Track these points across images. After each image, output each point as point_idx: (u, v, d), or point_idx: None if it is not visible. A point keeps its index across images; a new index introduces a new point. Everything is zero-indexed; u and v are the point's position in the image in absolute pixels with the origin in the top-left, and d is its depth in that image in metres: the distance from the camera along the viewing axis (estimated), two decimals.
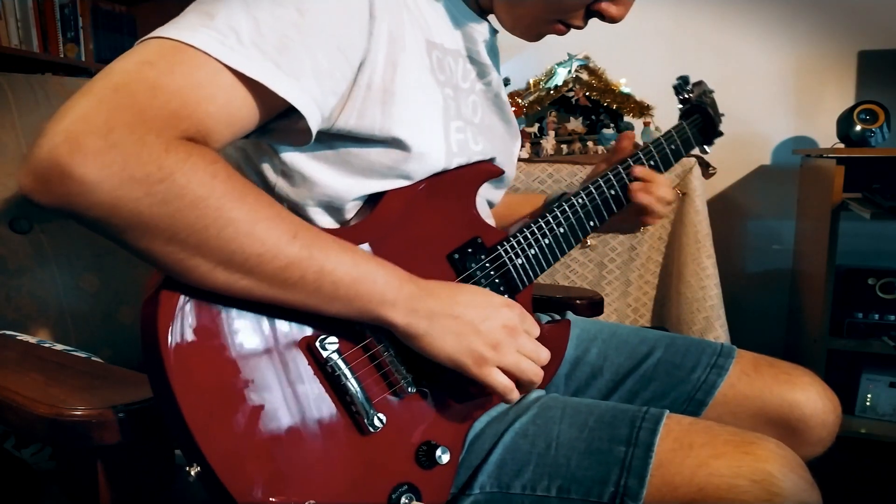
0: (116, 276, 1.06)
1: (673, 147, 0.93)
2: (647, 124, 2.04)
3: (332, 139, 0.65)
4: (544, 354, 0.68)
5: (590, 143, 2.00)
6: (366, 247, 0.66)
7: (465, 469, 0.70)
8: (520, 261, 0.78)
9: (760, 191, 2.37)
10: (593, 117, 2.10)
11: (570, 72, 2.05)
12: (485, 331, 0.64)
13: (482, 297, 0.66)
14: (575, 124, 2.11)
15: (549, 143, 2.00)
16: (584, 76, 2.04)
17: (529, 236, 0.79)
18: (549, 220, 0.80)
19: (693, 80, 1.03)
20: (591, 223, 0.84)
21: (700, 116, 0.98)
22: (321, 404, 0.60)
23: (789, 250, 2.36)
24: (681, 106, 1.01)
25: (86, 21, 2.53)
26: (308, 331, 0.61)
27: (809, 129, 2.31)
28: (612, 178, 0.86)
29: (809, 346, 2.00)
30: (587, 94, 2.03)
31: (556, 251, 0.81)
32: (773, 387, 0.87)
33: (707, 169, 1.89)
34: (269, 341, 0.58)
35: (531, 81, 2.12)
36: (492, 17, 0.80)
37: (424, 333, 0.62)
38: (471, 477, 0.69)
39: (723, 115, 1.04)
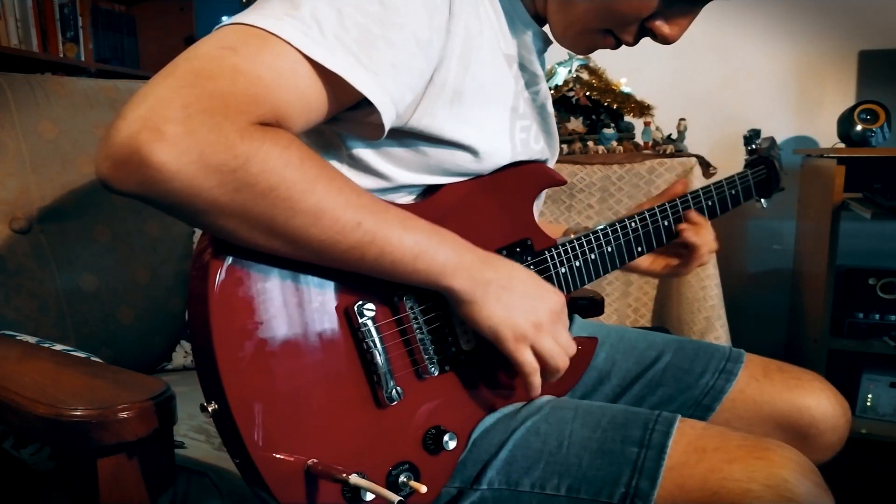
0: (116, 276, 1.06)
1: (733, 192, 0.95)
2: (647, 124, 2.04)
3: (402, 136, 0.66)
4: (573, 349, 0.70)
5: (590, 143, 2.00)
6: None
7: (473, 464, 0.70)
8: (563, 270, 0.78)
9: None
10: (594, 117, 2.10)
11: (570, 71, 2.05)
12: (531, 310, 0.66)
13: (535, 279, 0.69)
14: (575, 124, 2.11)
15: None
16: (585, 76, 2.03)
17: (577, 248, 0.80)
18: (599, 235, 0.82)
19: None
20: (640, 248, 0.86)
21: (765, 168, 1.01)
22: (345, 368, 0.61)
23: (790, 250, 2.36)
24: (747, 156, 1.05)
25: (85, 21, 2.53)
26: (348, 295, 0.62)
27: (810, 129, 2.31)
28: (668, 209, 0.87)
29: (810, 347, 2.00)
30: (587, 93, 2.03)
31: (601, 268, 0.82)
32: (782, 391, 0.87)
33: (708, 169, 1.89)
34: (309, 298, 0.60)
35: None
36: (546, 28, 0.79)
37: (477, 300, 0.64)
38: (479, 472, 0.69)
39: (786, 173, 1.07)
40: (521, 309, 0.65)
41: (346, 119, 0.63)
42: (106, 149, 0.48)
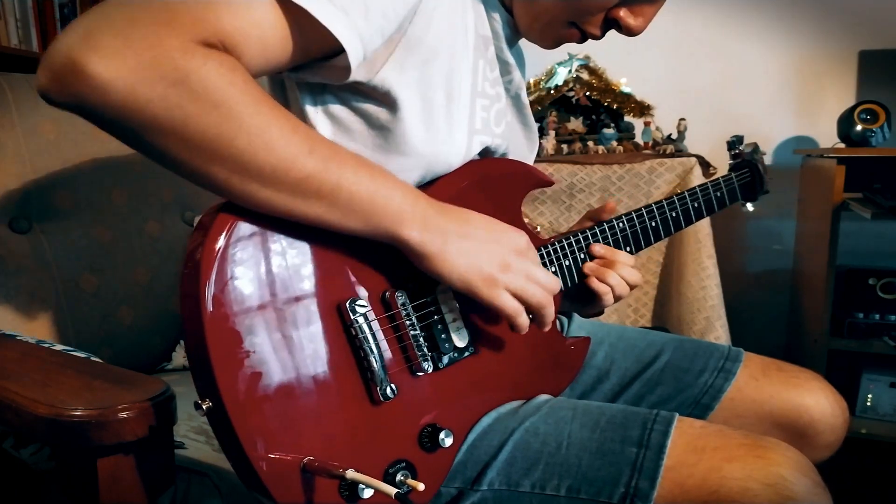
0: (116, 276, 1.06)
1: (718, 195, 0.95)
2: (647, 124, 2.04)
3: (360, 102, 0.65)
4: (553, 282, 0.69)
5: (590, 143, 2.00)
6: None
7: (473, 464, 0.70)
8: (553, 269, 0.79)
9: None
10: (594, 117, 2.10)
11: (570, 71, 2.05)
12: (495, 252, 0.64)
13: (492, 221, 0.67)
14: (575, 124, 2.11)
15: (549, 143, 2.00)
16: (585, 76, 2.03)
17: (567, 247, 0.80)
18: (587, 236, 0.82)
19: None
20: (628, 248, 0.86)
21: (749, 172, 1.01)
22: (338, 365, 0.61)
23: (790, 250, 2.36)
24: (731, 161, 1.05)
25: None
26: (340, 291, 0.62)
27: (810, 129, 2.30)
28: (645, 213, 0.87)
29: (810, 347, 2.00)
30: (587, 93, 2.03)
31: None
32: (781, 391, 0.87)
33: (707, 169, 1.89)
34: (302, 295, 0.60)
35: (531, 81, 2.11)
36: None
37: (438, 252, 0.62)
38: (479, 473, 0.69)
39: (770, 178, 1.08)
40: (483, 254, 0.64)
41: (311, 66, 0.61)
42: (44, 60, 0.48)
